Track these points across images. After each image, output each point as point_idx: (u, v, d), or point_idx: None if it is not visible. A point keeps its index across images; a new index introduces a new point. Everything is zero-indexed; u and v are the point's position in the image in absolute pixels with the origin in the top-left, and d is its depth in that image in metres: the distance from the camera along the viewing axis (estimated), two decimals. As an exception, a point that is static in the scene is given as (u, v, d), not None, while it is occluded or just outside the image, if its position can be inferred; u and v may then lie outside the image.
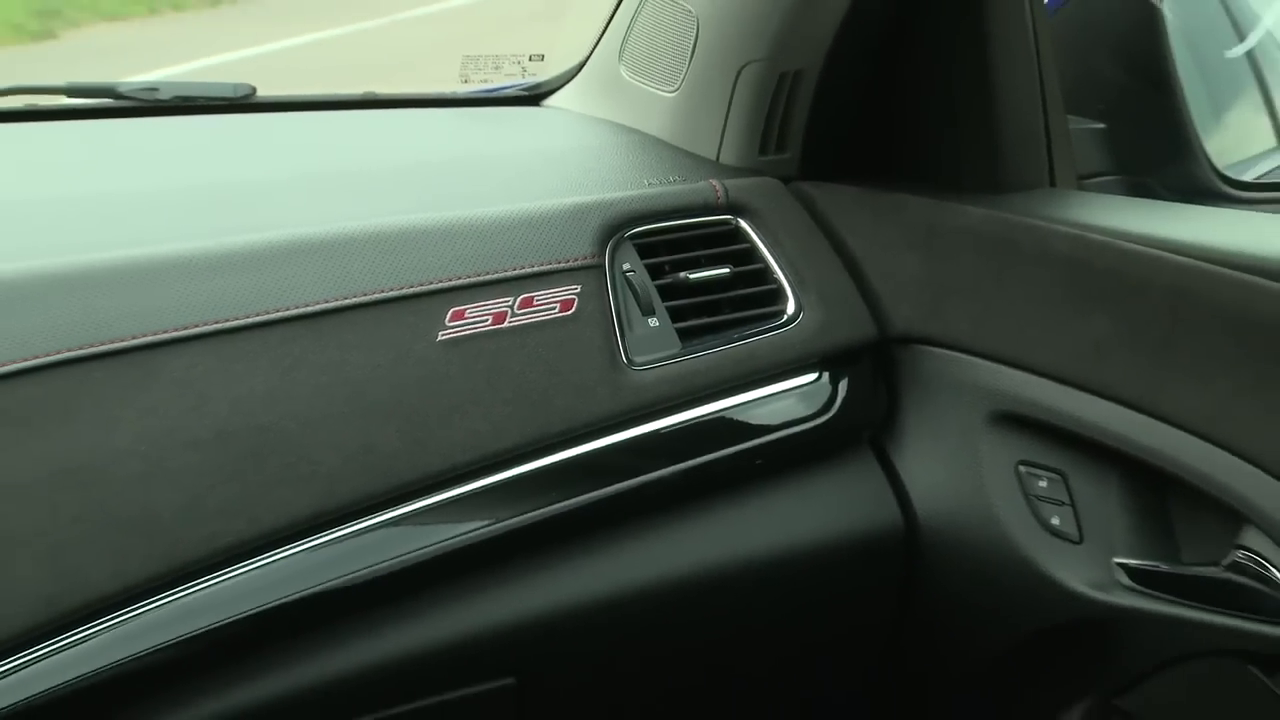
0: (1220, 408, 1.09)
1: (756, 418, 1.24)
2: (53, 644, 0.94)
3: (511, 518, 1.12)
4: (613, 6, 1.46)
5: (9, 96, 1.48)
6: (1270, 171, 1.38)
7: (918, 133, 1.35)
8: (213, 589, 1.00)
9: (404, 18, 7.65)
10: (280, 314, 1.08)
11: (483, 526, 1.11)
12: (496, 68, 1.58)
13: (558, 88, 1.54)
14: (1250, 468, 1.05)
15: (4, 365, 0.98)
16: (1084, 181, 1.33)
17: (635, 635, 1.22)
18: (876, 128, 1.36)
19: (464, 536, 1.10)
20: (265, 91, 1.52)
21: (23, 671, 0.92)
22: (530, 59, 1.55)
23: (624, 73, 1.45)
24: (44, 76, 1.54)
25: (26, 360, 0.99)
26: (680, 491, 1.21)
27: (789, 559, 1.25)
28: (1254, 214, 1.30)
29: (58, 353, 0.99)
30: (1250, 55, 1.40)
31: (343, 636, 1.07)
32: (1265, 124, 1.39)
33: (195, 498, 1.01)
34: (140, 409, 1.01)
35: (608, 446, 1.17)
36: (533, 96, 1.55)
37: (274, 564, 1.03)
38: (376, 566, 1.06)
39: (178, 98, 1.47)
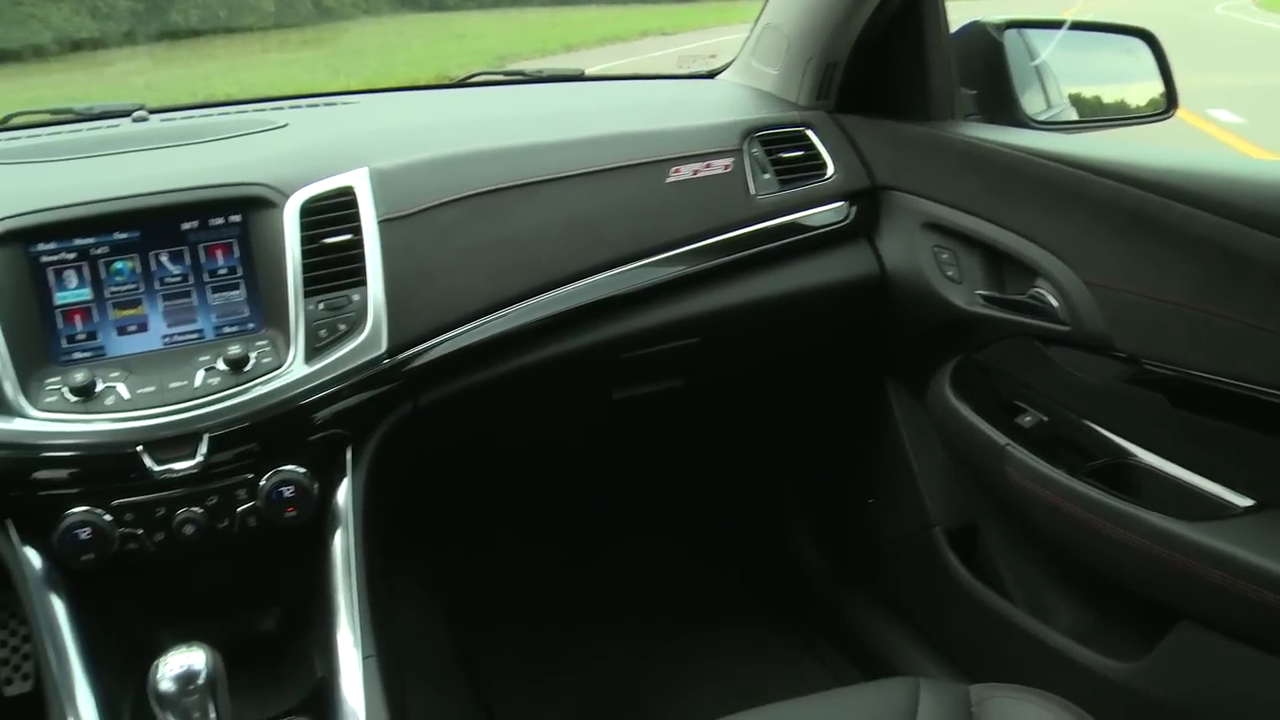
0: (1031, 221, 1.18)
1: (814, 221, 1.36)
2: (492, 316, 1.14)
3: (699, 264, 1.27)
4: (748, 34, 1.56)
5: (481, 76, 1.67)
6: (1049, 117, 1.56)
7: (892, 90, 1.42)
8: (562, 293, 1.18)
9: (655, 55, 10.04)
10: (593, 169, 1.24)
11: (685, 268, 1.26)
12: (694, 60, 1.78)
13: (722, 70, 1.64)
14: (1040, 249, 1.17)
15: (481, 188, 1.16)
16: (967, 118, 1.43)
17: (756, 323, 1.35)
18: (872, 87, 1.43)
19: (676, 272, 1.25)
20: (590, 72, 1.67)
21: (480, 328, 1.13)
22: (710, 57, 1.74)
23: (754, 63, 1.53)
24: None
25: (489, 187, 1.16)
26: (779, 255, 1.33)
27: (832, 287, 1.37)
28: (1045, 133, 1.38)
29: (498, 184, 1.17)
30: (1037, 66, 1.57)
31: (619, 318, 1.23)
32: (1041, 96, 1.57)
33: (556, 250, 1.18)
34: (530, 210, 1.18)
35: (745, 233, 1.31)
36: (711, 74, 1.66)
37: (590, 282, 1.20)
38: (635, 286, 1.23)
39: (549, 75, 1.64)
